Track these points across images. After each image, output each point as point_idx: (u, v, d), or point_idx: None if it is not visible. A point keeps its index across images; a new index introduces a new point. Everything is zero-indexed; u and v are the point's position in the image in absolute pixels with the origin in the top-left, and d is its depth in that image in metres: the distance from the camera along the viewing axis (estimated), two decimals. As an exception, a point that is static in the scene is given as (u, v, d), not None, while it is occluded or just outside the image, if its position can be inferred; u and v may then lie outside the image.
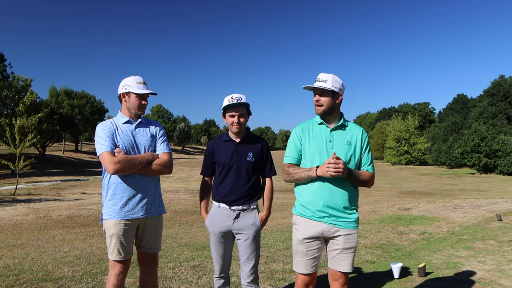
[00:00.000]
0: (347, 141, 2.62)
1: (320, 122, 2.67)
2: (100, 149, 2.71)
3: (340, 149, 2.59)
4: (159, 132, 2.97)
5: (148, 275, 2.96)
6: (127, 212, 2.76)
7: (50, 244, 6.99)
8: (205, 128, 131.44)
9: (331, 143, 2.61)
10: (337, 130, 2.65)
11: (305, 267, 2.64)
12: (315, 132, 2.66)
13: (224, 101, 2.96)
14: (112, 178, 2.78)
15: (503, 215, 8.86)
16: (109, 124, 2.82)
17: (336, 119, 2.67)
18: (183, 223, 10.21)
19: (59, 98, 57.20)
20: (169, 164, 2.89)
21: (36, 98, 37.59)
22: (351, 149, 2.61)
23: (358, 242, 6.07)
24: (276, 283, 4.10)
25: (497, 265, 4.83)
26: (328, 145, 2.61)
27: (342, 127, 2.67)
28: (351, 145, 2.62)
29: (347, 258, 2.61)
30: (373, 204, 13.17)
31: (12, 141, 20.74)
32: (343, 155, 2.57)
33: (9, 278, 4.24)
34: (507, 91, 54.32)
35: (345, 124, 2.68)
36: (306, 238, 2.61)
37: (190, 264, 4.85)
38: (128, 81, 2.86)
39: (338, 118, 2.68)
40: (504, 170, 46.74)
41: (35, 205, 15.15)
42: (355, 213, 2.63)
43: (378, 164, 74.24)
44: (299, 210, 2.69)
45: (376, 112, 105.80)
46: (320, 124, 2.68)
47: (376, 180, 34.09)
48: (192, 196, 18.27)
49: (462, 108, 70.33)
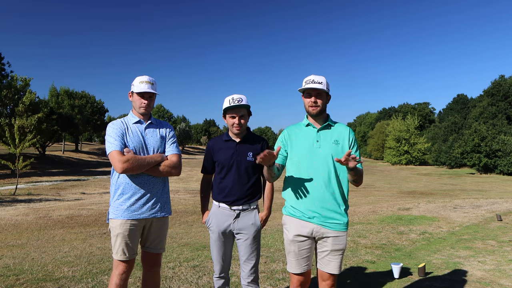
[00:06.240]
0: (334, 140, 2.66)
1: (307, 124, 2.73)
2: (110, 148, 2.72)
3: (327, 148, 2.63)
4: (169, 133, 2.98)
5: (150, 275, 2.97)
6: (133, 212, 2.76)
7: (50, 244, 6.99)
8: (205, 128, 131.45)
9: (318, 143, 2.65)
10: (323, 130, 2.70)
11: (299, 267, 2.66)
12: (303, 134, 2.72)
13: (225, 102, 2.96)
14: (120, 177, 2.78)
15: (503, 215, 8.86)
16: (120, 124, 2.83)
17: (323, 119, 2.73)
18: (183, 223, 10.21)
19: (59, 98, 57.23)
20: (178, 165, 2.89)
21: (35, 98, 37.57)
22: (338, 148, 2.64)
23: (357, 242, 6.12)
24: (276, 283, 4.10)
25: (497, 265, 4.83)
26: (315, 145, 2.65)
27: (328, 127, 2.72)
28: (339, 144, 2.66)
29: (335, 260, 2.63)
30: (373, 204, 13.18)
31: (12, 141, 20.75)
32: (330, 154, 2.61)
33: (9, 278, 4.24)
34: (507, 91, 54.33)
35: (331, 124, 2.74)
36: (296, 237, 2.63)
37: (190, 264, 4.85)
38: (134, 80, 2.88)
39: (324, 119, 2.74)
40: (504, 170, 46.75)
41: (35, 205, 15.15)
42: (345, 216, 2.64)
43: (378, 164, 74.24)
44: (288, 210, 2.72)
45: (376, 112, 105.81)
46: (307, 125, 2.73)
47: (376, 180, 34.24)
48: (192, 196, 18.27)
49: (462, 108, 70.32)
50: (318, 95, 2.64)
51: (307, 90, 2.65)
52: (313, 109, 2.65)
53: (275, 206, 2.83)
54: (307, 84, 2.63)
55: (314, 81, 2.62)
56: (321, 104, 2.65)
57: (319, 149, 2.63)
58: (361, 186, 25.93)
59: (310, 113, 2.68)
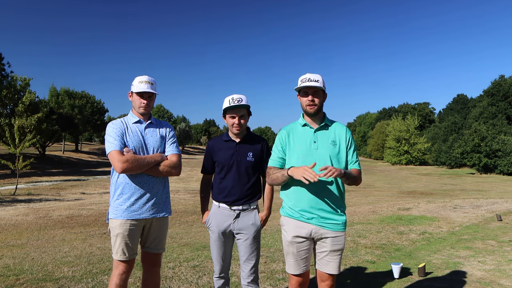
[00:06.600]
0: (331, 141, 2.63)
1: (304, 124, 2.69)
2: (109, 148, 2.72)
3: (325, 149, 2.60)
4: (169, 133, 2.98)
5: (150, 275, 2.97)
6: (133, 212, 2.76)
7: (50, 244, 6.99)
8: (205, 128, 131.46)
9: (315, 144, 2.62)
10: (321, 130, 2.67)
11: (298, 268, 2.65)
12: (300, 134, 2.68)
13: (225, 102, 2.96)
14: (120, 177, 2.78)
15: (503, 215, 8.86)
16: (120, 123, 2.83)
17: (320, 119, 2.70)
18: (183, 223, 10.21)
19: (59, 98, 57.24)
20: (178, 165, 2.89)
21: (35, 98, 37.58)
22: (335, 148, 2.62)
23: (357, 242, 6.11)
24: (276, 283, 4.10)
25: (497, 265, 4.83)
26: (312, 146, 2.62)
27: (325, 127, 2.68)
28: (336, 145, 2.63)
29: (334, 260, 2.62)
30: (373, 204, 13.18)
31: (12, 141, 20.73)
32: (328, 155, 2.59)
33: (9, 278, 4.24)
34: (507, 91, 54.32)
35: (328, 123, 2.70)
36: (295, 238, 2.62)
37: (190, 264, 4.85)
38: (134, 80, 2.88)
39: (321, 118, 2.70)
40: (504, 170, 46.74)
41: (35, 205, 15.15)
42: (343, 216, 2.63)
43: (378, 164, 74.24)
44: (286, 211, 2.69)
45: (376, 112, 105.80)
46: (303, 125, 2.69)
47: (376, 180, 34.23)
48: (192, 196, 18.27)
49: (462, 108, 70.33)
50: (315, 93, 2.61)
51: (303, 88, 2.61)
52: (311, 108, 2.61)
53: (275, 206, 2.82)
54: (303, 82, 2.59)
55: (310, 79, 2.59)
56: (319, 102, 2.61)
57: (316, 150, 2.61)
58: (361, 186, 25.93)
59: (308, 112, 2.64)
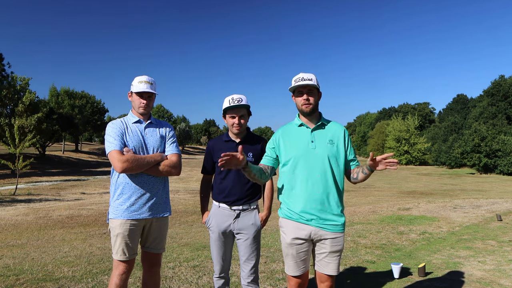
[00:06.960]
0: (329, 140, 2.62)
1: (300, 124, 2.68)
2: (109, 147, 2.72)
3: (322, 149, 2.60)
4: (168, 133, 2.98)
5: (150, 275, 2.97)
6: (133, 212, 2.76)
7: (50, 244, 6.99)
8: (205, 128, 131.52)
9: (313, 144, 2.61)
10: (317, 129, 2.66)
11: (297, 269, 2.63)
12: (296, 135, 2.67)
13: (225, 102, 2.96)
14: (120, 177, 2.78)
15: (503, 215, 8.86)
16: (119, 123, 2.83)
17: (316, 118, 2.69)
18: (183, 223, 10.21)
19: (59, 98, 57.25)
20: (178, 165, 2.88)
21: (35, 98, 37.58)
22: (333, 148, 2.61)
23: (357, 242, 6.11)
24: (276, 283, 4.10)
25: (497, 265, 4.83)
26: (310, 145, 2.61)
27: (322, 126, 2.68)
28: (334, 144, 2.62)
29: (333, 261, 2.61)
30: (373, 204, 13.18)
31: (12, 141, 20.75)
32: (326, 154, 2.58)
33: (9, 278, 4.24)
34: (507, 91, 54.30)
35: (324, 123, 2.70)
36: (294, 240, 2.60)
37: (190, 264, 4.85)
38: (133, 80, 2.89)
39: (317, 118, 2.70)
40: (504, 170, 46.74)
41: (35, 205, 15.15)
42: (342, 217, 2.62)
43: (378, 164, 74.07)
44: (285, 212, 2.67)
45: (376, 112, 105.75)
46: (300, 125, 2.69)
47: (376, 180, 34.21)
48: (192, 196, 18.27)
49: (462, 108, 70.32)
50: (310, 92, 2.60)
51: (298, 88, 2.61)
52: (306, 107, 2.60)
53: (275, 206, 2.82)
54: (297, 82, 2.59)
55: (304, 78, 2.59)
56: (314, 101, 2.61)
57: (314, 150, 2.59)
58: (361, 186, 25.94)
59: (303, 111, 2.63)
